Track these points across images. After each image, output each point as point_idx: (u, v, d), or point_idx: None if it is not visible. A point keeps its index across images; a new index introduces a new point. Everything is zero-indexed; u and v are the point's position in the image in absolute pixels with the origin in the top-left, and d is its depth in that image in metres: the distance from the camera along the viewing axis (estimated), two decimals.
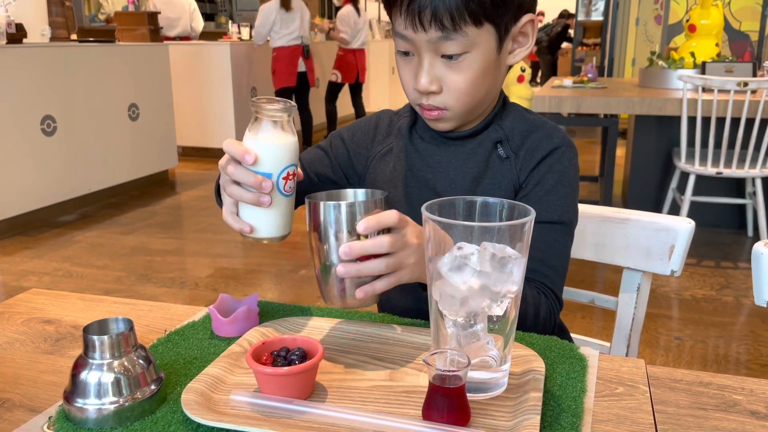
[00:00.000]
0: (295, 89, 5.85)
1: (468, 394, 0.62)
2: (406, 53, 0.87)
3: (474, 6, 0.80)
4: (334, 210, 0.71)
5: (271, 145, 0.74)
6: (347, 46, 6.42)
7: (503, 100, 0.98)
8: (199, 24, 6.78)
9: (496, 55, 0.86)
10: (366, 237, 0.70)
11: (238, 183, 0.76)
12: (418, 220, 0.68)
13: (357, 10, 6.47)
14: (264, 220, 0.77)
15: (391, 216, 0.71)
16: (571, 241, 0.95)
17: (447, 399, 0.59)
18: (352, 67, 6.52)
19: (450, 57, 0.84)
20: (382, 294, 0.74)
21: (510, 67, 0.93)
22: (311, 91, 6.19)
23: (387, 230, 0.71)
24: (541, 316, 0.87)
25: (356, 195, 0.81)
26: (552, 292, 0.91)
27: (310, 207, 0.73)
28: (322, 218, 0.71)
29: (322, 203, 0.71)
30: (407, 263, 0.73)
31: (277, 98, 0.76)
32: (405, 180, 0.96)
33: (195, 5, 6.69)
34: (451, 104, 0.88)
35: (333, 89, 6.63)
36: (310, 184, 0.98)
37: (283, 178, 0.75)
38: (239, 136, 0.94)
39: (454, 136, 0.96)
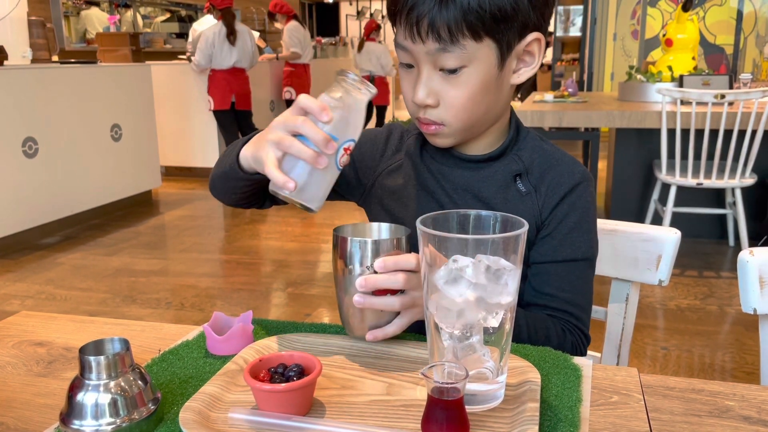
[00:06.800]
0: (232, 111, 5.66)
1: (465, 407, 0.62)
2: (407, 66, 0.87)
3: (472, 19, 0.79)
4: (357, 245, 0.74)
5: (349, 111, 0.73)
6: (298, 60, 6.34)
7: (516, 125, 0.95)
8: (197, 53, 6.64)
9: (497, 72, 0.84)
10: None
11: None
12: None
13: (301, 24, 6.41)
14: (311, 184, 0.74)
15: (409, 260, 0.73)
16: (594, 273, 0.95)
17: (446, 411, 0.60)
18: (304, 83, 6.45)
19: (448, 71, 0.83)
20: None
21: (517, 87, 0.91)
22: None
23: None
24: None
25: (380, 230, 0.82)
26: (579, 329, 0.91)
27: (337, 240, 0.76)
28: (346, 252, 0.75)
29: (349, 238, 0.75)
30: (420, 303, 0.75)
31: None
32: (416, 199, 0.95)
33: (198, 29, 6.55)
34: (448, 120, 0.86)
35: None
36: None
37: (344, 149, 0.74)
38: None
39: (466, 158, 0.94)
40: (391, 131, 1.03)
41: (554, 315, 0.90)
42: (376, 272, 0.73)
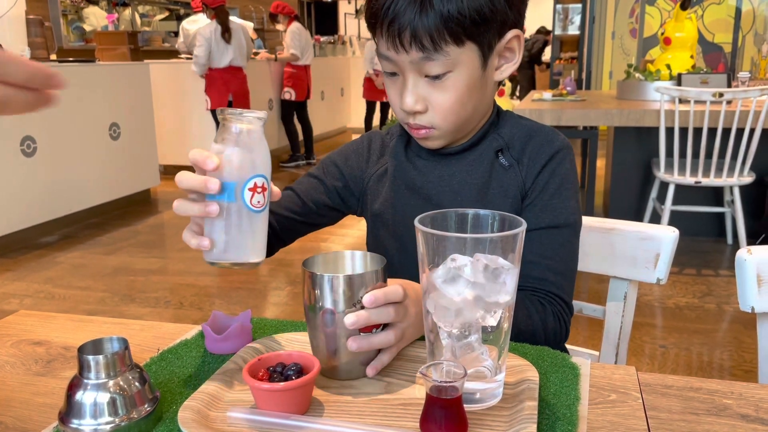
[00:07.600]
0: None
1: (464, 405, 0.62)
2: (392, 74, 0.88)
3: (453, 25, 0.80)
4: (336, 282, 0.69)
5: (236, 150, 0.69)
6: (297, 62, 6.39)
7: (497, 109, 0.98)
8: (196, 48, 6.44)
9: (481, 72, 0.86)
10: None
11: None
12: None
13: (303, 26, 6.49)
14: (233, 240, 0.70)
15: (396, 291, 0.70)
16: (578, 242, 0.95)
17: (444, 410, 0.60)
18: (304, 84, 6.51)
19: (434, 77, 0.84)
20: None
21: (499, 83, 0.93)
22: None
23: None
24: (549, 327, 0.88)
25: (354, 259, 0.78)
26: (559, 298, 0.90)
27: (308, 277, 0.70)
28: (323, 289, 0.69)
29: (323, 275, 0.69)
30: (408, 332, 0.74)
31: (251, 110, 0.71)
32: (405, 200, 0.96)
33: (189, 27, 6.47)
34: (438, 123, 0.88)
35: (288, 107, 6.55)
36: (308, 213, 1.00)
37: (249, 189, 0.69)
38: None
39: (453, 150, 0.95)
40: (371, 139, 1.05)
41: (534, 286, 0.90)
42: (355, 306, 0.69)
